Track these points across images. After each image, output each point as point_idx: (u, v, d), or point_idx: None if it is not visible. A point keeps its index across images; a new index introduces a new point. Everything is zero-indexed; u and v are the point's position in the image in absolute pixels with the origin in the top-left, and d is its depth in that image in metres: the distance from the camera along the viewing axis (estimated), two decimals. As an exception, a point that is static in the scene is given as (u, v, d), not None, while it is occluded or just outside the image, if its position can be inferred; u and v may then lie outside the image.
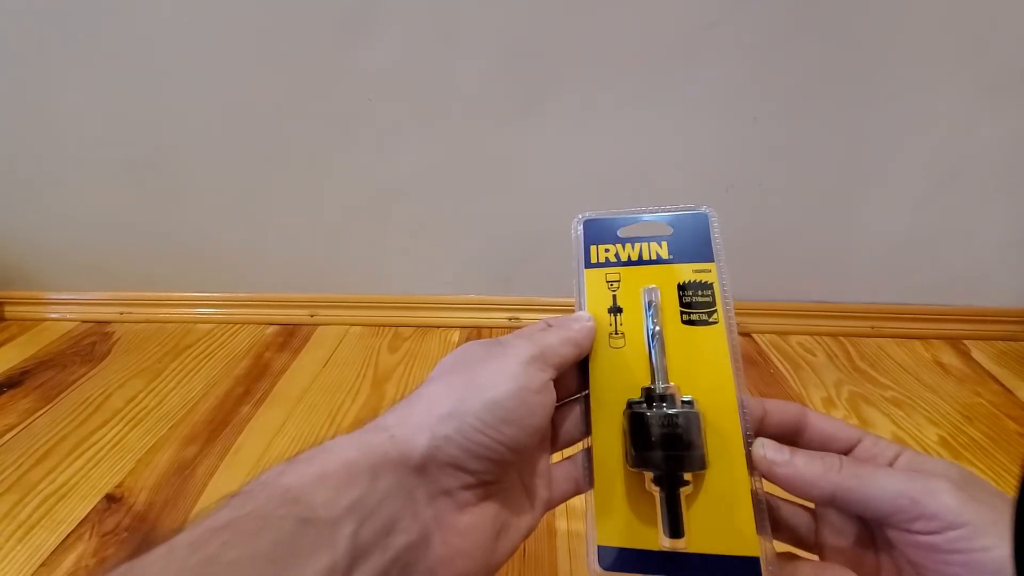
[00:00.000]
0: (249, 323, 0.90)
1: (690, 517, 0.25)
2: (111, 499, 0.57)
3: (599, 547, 0.25)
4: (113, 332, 0.88)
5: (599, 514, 0.26)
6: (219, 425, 0.67)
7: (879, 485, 0.22)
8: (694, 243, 0.29)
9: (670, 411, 0.25)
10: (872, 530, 0.25)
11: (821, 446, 0.27)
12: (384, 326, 0.89)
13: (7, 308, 0.93)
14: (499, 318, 0.88)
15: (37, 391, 0.74)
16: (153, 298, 0.92)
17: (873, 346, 0.82)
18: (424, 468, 0.21)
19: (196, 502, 0.57)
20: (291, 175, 0.82)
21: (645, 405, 0.26)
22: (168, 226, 0.87)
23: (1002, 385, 0.73)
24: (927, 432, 0.64)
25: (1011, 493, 0.17)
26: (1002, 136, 0.73)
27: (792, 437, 0.27)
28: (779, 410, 0.27)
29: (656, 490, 0.25)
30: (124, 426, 0.67)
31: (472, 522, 0.22)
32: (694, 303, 0.28)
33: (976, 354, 0.80)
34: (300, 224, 0.86)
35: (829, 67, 0.70)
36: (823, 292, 0.85)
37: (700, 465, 0.25)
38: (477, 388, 0.23)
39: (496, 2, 0.69)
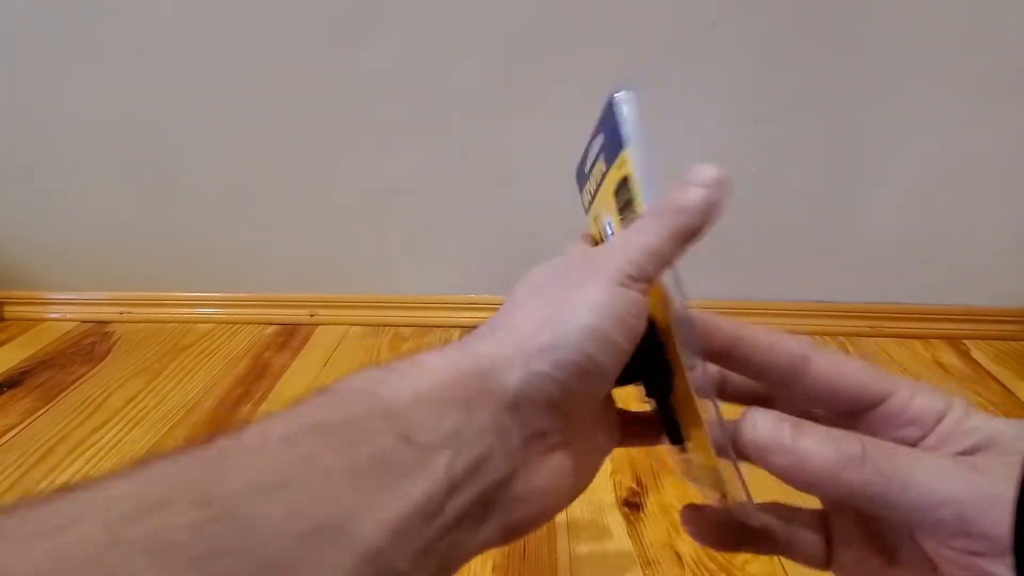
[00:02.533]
0: (249, 323, 0.90)
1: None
2: (111, 499, 0.57)
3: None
4: (113, 332, 0.88)
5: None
6: (219, 425, 0.67)
7: (915, 489, 0.16)
8: (611, 141, 0.24)
9: None
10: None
11: (766, 365, 0.21)
12: (384, 326, 0.89)
13: (7, 308, 0.93)
14: (499, 318, 0.88)
15: (37, 391, 0.74)
16: (153, 298, 0.92)
17: (873, 346, 0.82)
18: (517, 407, 0.19)
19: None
20: (291, 175, 0.82)
21: None
22: (168, 226, 0.87)
23: (1002, 385, 0.73)
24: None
25: None
26: (1002, 136, 0.73)
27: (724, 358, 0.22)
28: (713, 328, 0.22)
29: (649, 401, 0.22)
30: (124, 426, 0.67)
31: (557, 464, 0.20)
32: (624, 207, 0.23)
33: (976, 354, 0.80)
34: (300, 224, 0.86)
35: (829, 67, 0.70)
36: (823, 292, 0.85)
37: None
38: (570, 313, 0.19)
39: (496, 2, 0.69)
